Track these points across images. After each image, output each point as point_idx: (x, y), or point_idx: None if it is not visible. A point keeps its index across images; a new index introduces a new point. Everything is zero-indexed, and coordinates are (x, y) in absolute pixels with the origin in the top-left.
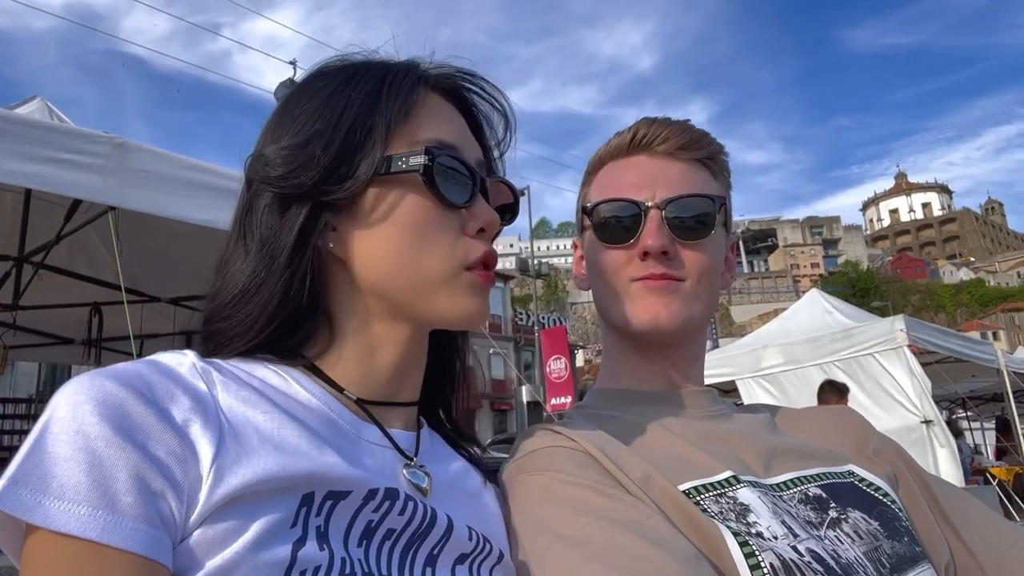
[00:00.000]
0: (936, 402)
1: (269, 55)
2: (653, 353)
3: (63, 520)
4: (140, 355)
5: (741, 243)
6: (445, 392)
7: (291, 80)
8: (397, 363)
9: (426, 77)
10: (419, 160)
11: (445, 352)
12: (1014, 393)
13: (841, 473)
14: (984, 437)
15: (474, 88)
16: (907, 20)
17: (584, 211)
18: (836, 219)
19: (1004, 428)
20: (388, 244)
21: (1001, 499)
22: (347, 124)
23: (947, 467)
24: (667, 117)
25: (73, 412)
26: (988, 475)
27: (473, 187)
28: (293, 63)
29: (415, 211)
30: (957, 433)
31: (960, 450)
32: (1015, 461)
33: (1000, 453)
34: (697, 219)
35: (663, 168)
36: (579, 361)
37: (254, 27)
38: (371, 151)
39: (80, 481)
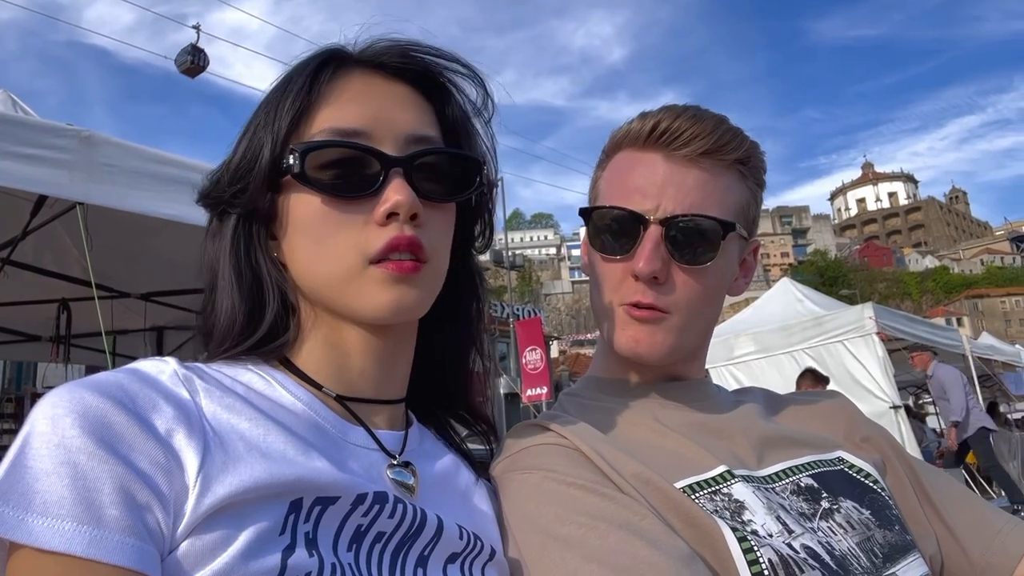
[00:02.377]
0: (903, 388)
1: (237, 45)
2: None
3: (47, 537)
4: (111, 351)
5: None
6: (458, 385)
7: (192, 46)
8: (368, 360)
9: (347, 59)
10: (290, 161)
11: (452, 345)
12: (979, 378)
13: (831, 460)
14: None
15: (417, 57)
16: (872, 12)
17: (582, 213)
18: (805, 209)
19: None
20: (300, 247)
21: (967, 481)
22: (248, 136)
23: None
24: (697, 109)
25: (53, 425)
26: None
27: (382, 171)
28: (196, 27)
29: (308, 211)
30: (921, 419)
31: (925, 434)
32: None
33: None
34: (700, 243)
35: (677, 175)
36: (554, 352)
37: (222, 17)
38: (260, 158)
39: (63, 496)
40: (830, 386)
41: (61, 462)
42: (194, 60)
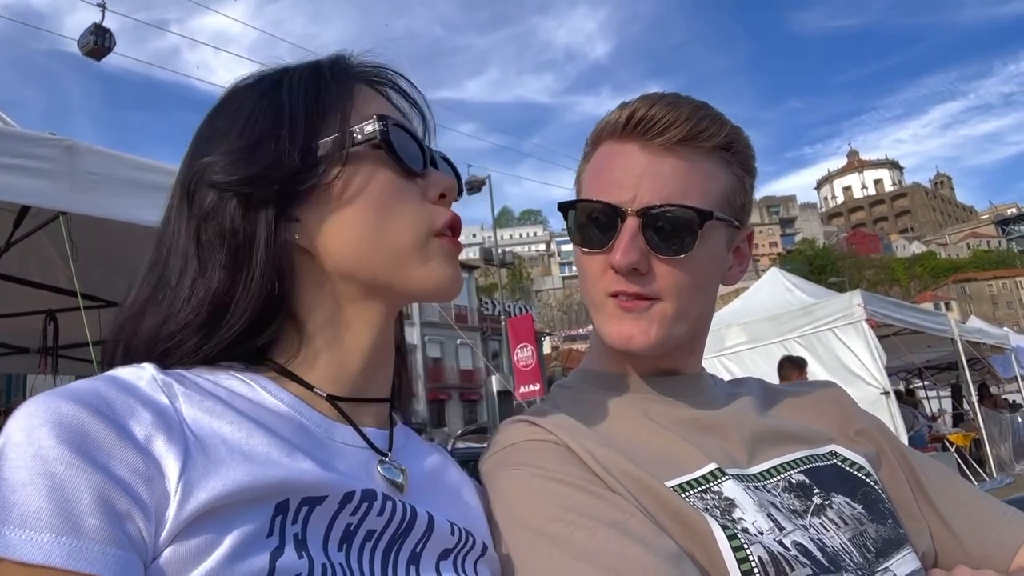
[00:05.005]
0: (894, 373)
1: (220, 49)
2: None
3: (25, 550)
4: (99, 361)
5: None
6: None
7: (96, 25)
8: (369, 352)
9: (353, 69)
10: (374, 127)
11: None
12: (968, 361)
13: (824, 455)
14: (940, 405)
15: (398, 83)
16: (853, 1)
17: (560, 208)
18: (792, 198)
19: (959, 395)
20: (357, 222)
21: (959, 464)
22: (301, 112)
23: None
24: (674, 96)
25: (29, 436)
26: (946, 442)
27: (424, 154)
28: (102, 5)
29: (377, 184)
30: (915, 404)
31: (916, 419)
32: (971, 427)
33: (956, 420)
34: (678, 233)
35: (653, 164)
36: (546, 348)
37: (203, 22)
38: (331, 131)
39: (41, 507)
40: (817, 374)
41: (38, 473)
42: (98, 41)
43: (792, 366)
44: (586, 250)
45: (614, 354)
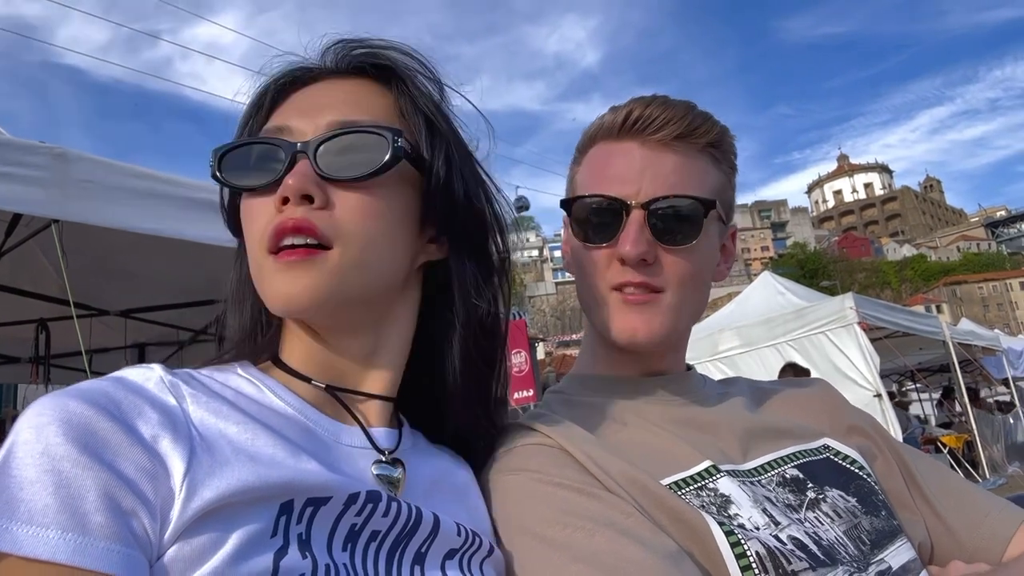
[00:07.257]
0: (886, 376)
1: (213, 57)
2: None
3: (32, 545)
4: (91, 370)
5: None
6: (445, 394)
7: None
8: (340, 350)
9: (306, 75)
10: (210, 165)
11: (442, 352)
12: (960, 363)
13: (816, 449)
14: (933, 407)
15: (358, 50)
16: (839, 9)
17: (563, 204)
18: (783, 203)
19: (949, 397)
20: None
21: (952, 466)
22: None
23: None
24: (665, 98)
25: (37, 434)
26: (939, 443)
27: (286, 158)
28: None
29: (242, 207)
30: (904, 406)
31: (909, 421)
32: (963, 429)
33: (947, 423)
34: (683, 224)
35: (654, 160)
36: (539, 354)
37: (195, 32)
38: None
39: (48, 504)
40: (813, 376)
41: (45, 470)
42: None
43: (792, 373)
44: (590, 245)
45: (605, 357)
